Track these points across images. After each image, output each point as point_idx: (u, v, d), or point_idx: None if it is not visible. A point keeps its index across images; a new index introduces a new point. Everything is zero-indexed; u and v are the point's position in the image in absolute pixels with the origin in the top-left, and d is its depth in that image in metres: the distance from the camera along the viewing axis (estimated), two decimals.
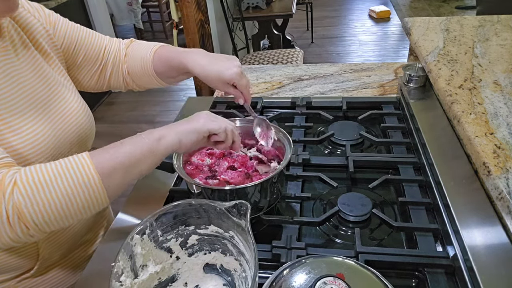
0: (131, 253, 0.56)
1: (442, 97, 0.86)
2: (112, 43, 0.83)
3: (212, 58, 0.75)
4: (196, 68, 0.74)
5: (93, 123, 0.77)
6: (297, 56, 2.67)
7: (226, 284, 0.62)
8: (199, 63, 0.74)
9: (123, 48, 0.84)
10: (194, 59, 0.75)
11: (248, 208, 0.56)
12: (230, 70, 0.73)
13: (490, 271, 0.53)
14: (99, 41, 0.80)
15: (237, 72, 0.73)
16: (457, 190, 0.67)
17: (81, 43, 0.76)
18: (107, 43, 0.82)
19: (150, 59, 0.79)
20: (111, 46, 0.82)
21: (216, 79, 0.74)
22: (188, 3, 2.22)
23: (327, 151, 0.96)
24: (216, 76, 0.73)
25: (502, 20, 1.18)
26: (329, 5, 5.76)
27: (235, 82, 0.74)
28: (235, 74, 0.73)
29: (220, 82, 0.74)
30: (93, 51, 0.79)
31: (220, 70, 0.73)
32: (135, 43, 0.85)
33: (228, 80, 0.73)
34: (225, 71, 0.73)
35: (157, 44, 0.81)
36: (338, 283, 0.47)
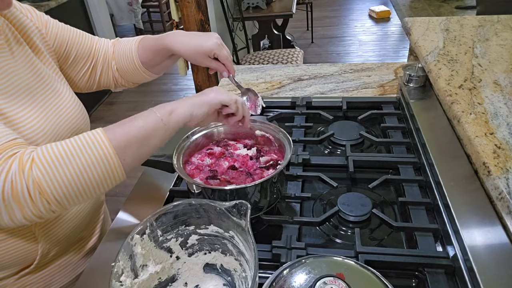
0: (131, 253, 0.56)
1: (442, 97, 0.86)
2: (101, 42, 0.85)
3: (191, 34, 0.77)
4: (176, 45, 0.75)
5: (87, 119, 0.78)
6: (297, 56, 2.67)
7: (226, 284, 0.62)
8: (178, 40, 0.76)
9: (110, 46, 0.85)
10: (174, 38, 0.76)
11: (248, 208, 0.56)
12: (209, 41, 0.75)
13: (490, 271, 0.53)
14: (89, 40, 0.82)
15: (216, 42, 0.75)
16: (457, 190, 0.67)
17: (72, 42, 0.78)
18: (96, 42, 0.84)
19: (135, 50, 0.81)
20: (100, 45, 0.84)
21: (196, 53, 0.75)
22: (188, 3, 2.22)
23: (327, 151, 0.96)
24: (196, 49, 0.75)
25: (502, 20, 1.18)
26: (329, 5, 5.76)
27: (216, 53, 0.75)
28: (215, 44, 0.74)
29: (201, 55, 0.75)
30: (84, 50, 0.80)
31: (199, 43, 0.74)
32: (121, 40, 0.87)
33: (208, 51, 0.74)
34: (204, 43, 0.74)
35: (140, 36, 0.83)
36: (338, 283, 0.47)
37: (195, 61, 0.77)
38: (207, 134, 0.80)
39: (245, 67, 1.40)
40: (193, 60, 0.77)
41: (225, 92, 0.66)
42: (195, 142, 0.78)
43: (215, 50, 0.75)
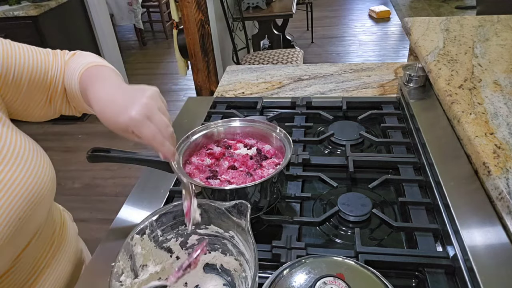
0: (131, 253, 0.56)
1: (442, 97, 0.86)
2: (57, 59, 0.69)
3: (118, 91, 0.56)
4: (93, 103, 0.57)
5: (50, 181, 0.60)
6: (297, 56, 2.67)
7: (226, 284, 0.62)
8: (98, 95, 0.56)
9: (63, 65, 0.70)
10: (97, 90, 0.57)
11: (248, 208, 0.56)
12: (126, 113, 0.51)
13: (490, 271, 0.53)
14: (43, 59, 0.66)
15: (135, 116, 0.51)
16: (457, 190, 0.67)
17: (22, 67, 0.62)
18: (52, 61, 0.68)
19: (77, 85, 0.64)
20: (56, 63, 0.69)
21: (112, 126, 0.54)
22: (188, 3, 2.22)
23: (327, 151, 0.96)
24: (111, 122, 0.53)
25: (502, 20, 1.18)
26: (329, 5, 5.76)
27: (134, 130, 0.52)
28: (131, 120, 0.51)
29: (119, 130, 0.54)
30: (39, 73, 0.65)
31: (115, 114, 0.52)
32: (72, 60, 0.69)
33: (123, 127, 0.52)
34: (120, 116, 0.52)
35: (87, 64, 0.65)
36: (338, 283, 0.47)
37: (112, 129, 0.55)
38: (207, 134, 0.80)
39: (245, 67, 1.40)
40: (110, 128, 0.55)
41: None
42: (195, 142, 0.78)
43: (132, 128, 0.52)
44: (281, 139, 0.75)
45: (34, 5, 2.95)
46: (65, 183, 2.63)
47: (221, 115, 1.06)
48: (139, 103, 0.52)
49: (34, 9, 2.87)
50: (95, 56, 0.70)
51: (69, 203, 2.48)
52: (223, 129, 0.82)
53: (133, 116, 0.51)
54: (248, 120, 0.82)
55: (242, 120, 0.82)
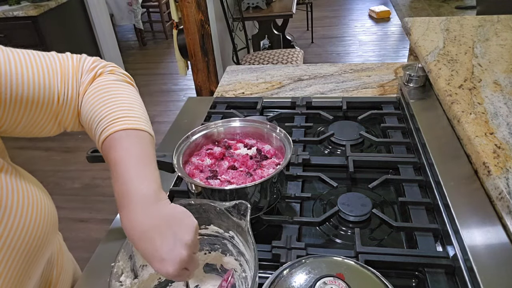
0: (131, 253, 0.56)
1: (442, 97, 0.86)
2: (68, 81, 0.57)
3: (155, 221, 0.49)
4: (119, 204, 0.52)
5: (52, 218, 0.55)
6: (297, 56, 2.67)
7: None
8: (128, 226, 0.50)
9: (77, 91, 0.59)
10: (120, 216, 0.51)
11: (248, 208, 0.56)
12: (163, 265, 0.48)
13: (490, 271, 0.53)
14: (49, 83, 0.54)
15: (172, 273, 0.47)
16: (457, 190, 0.67)
17: (21, 90, 0.51)
18: (60, 83, 0.56)
19: (100, 149, 0.57)
20: (67, 88, 0.57)
21: (140, 251, 0.50)
22: (188, 3, 2.22)
23: (327, 151, 0.96)
24: (139, 249, 0.50)
25: (502, 20, 1.18)
26: (329, 5, 5.75)
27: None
28: (166, 275, 0.48)
29: (143, 256, 0.50)
30: (44, 99, 0.54)
31: (150, 252, 0.48)
32: (92, 94, 0.57)
33: (153, 267, 0.49)
34: (155, 260, 0.48)
35: (106, 130, 0.54)
36: (338, 283, 0.47)
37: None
38: (207, 134, 0.80)
39: (245, 67, 1.40)
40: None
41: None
42: (195, 142, 0.78)
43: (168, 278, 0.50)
44: (281, 139, 0.75)
45: (34, 5, 2.95)
46: (65, 183, 2.63)
47: (221, 115, 1.05)
48: (178, 258, 0.47)
49: (34, 9, 2.87)
50: (119, 89, 0.59)
51: (69, 203, 2.49)
52: (223, 129, 0.82)
53: (170, 273, 0.47)
54: (248, 120, 0.82)
55: (242, 120, 0.82)
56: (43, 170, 2.74)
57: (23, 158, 2.88)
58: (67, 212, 2.34)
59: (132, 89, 0.62)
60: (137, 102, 0.59)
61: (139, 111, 0.58)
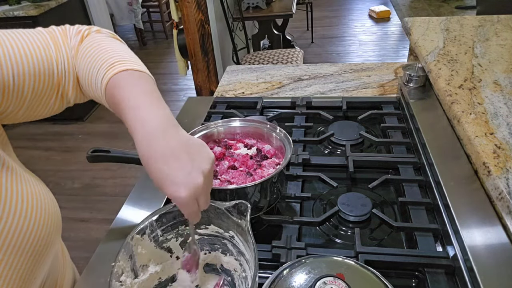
0: (131, 253, 0.56)
1: (442, 97, 0.86)
2: (60, 48, 0.57)
3: (172, 145, 0.48)
4: (135, 136, 0.50)
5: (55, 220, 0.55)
6: (297, 56, 2.67)
7: (226, 284, 0.62)
8: (145, 149, 0.48)
9: (71, 55, 0.59)
10: (140, 120, 0.50)
11: (248, 208, 0.56)
12: (177, 189, 0.47)
13: (490, 271, 0.53)
14: (45, 56, 0.54)
15: (184, 198, 0.47)
16: (457, 190, 0.67)
17: (22, 73, 0.51)
18: (56, 53, 0.56)
19: (103, 95, 0.55)
20: (62, 55, 0.57)
21: (151, 174, 0.49)
22: (188, 3, 2.22)
23: (327, 151, 0.96)
24: (153, 173, 0.48)
25: (502, 20, 1.18)
26: (329, 5, 5.76)
27: (174, 202, 0.50)
28: (178, 199, 0.47)
29: (154, 181, 0.49)
30: (44, 75, 0.54)
31: (164, 175, 0.47)
32: (85, 50, 0.58)
33: (163, 191, 0.48)
34: (168, 183, 0.47)
35: (111, 66, 0.54)
36: (338, 283, 0.47)
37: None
38: (207, 134, 0.80)
39: (245, 67, 1.40)
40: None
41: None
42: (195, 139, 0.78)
43: (173, 200, 0.49)
44: (281, 139, 0.75)
45: (34, 5, 2.95)
46: (65, 183, 2.63)
47: (221, 115, 1.06)
48: (193, 184, 0.47)
49: (34, 9, 2.87)
50: (110, 42, 0.59)
51: (69, 203, 2.49)
52: (223, 129, 0.82)
53: (182, 197, 0.47)
54: (248, 120, 0.82)
55: (242, 120, 0.82)
56: (43, 170, 2.74)
57: (23, 158, 2.86)
58: (67, 212, 2.34)
59: (121, 42, 0.62)
60: (129, 52, 0.60)
61: (134, 58, 0.59)
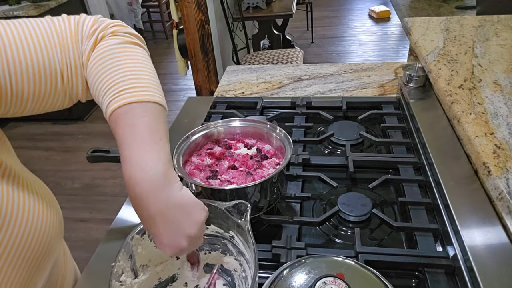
0: (131, 253, 0.56)
1: (442, 97, 0.86)
2: (69, 54, 0.52)
3: (153, 215, 0.48)
4: (130, 199, 0.49)
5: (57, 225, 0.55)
6: (297, 56, 2.67)
7: (226, 284, 0.62)
8: (135, 207, 0.49)
9: (82, 58, 0.54)
10: (130, 196, 0.49)
11: (248, 208, 0.56)
12: (162, 249, 0.51)
13: (490, 271, 0.53)
14: (49, 61, 0.50)
15: (170, 253, 0.51)
16: (457, 190, 0.67)
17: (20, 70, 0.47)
18: (60, 58, 0.51)
19: (108, 120, 0.52)
20: (69, 62, 0.52)
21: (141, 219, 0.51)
22: (188, 3, 2.22)
23: (327, 151, 0.96)
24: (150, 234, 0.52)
25: (502, 20, 1.18)
26: (329, 5, 5.76)
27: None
28: (166, 252, 0.51)
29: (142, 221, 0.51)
30: (47, 76, 0.50)
31: (153, 235, 0.51)
32: (97, 61, 0.52)
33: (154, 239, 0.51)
34: (157, 243, 0.51)
35: (112, 103, 0.50)
36: (338, 283, 0.47)
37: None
38: (207, 134, 0.80)
39: (245, 67, 1.40)
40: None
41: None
42: (195, 142, 0.78)
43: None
44: (281, 139, 0.75)
45: (34, 5, 2.95)
46: (65, 183, 2.63)
47: (221, 115, 1.06)
48: (177, 247, 0.50)
49: (34, 9, 2.87)
50: (124, 55, 0.53)
51: (69, 203, 2.49)
52: (223, 129, 0.82)
53: (168, 255, 0.52)
54: (248, 120, 0.82)
55: (242, 120, 0.82)
56: (43, 170, 2.74)
57: (23, 158, 2.87)
58: (67, 212, 2.34)
59: (138, 51, 0.55)
60: (144, 67, 0.54)
61: (147, 79, 0.52)
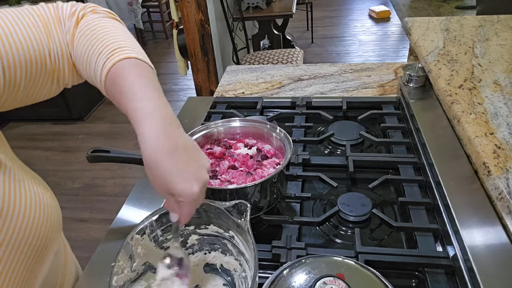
0: (131, 253, 0.56)
1: (442, 97, 0.86)
2: (53, 35, 0.54)
3: (175, 148, 0.49)
4: (141, 144, 0.49)
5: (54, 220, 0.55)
6: (297, 56, 2.67)
7: (226, 284, 0.62)
8: (153, 143, 0.48)
9: (66, 40, 0.56)
10: (143, 133, 0.48)
11: (248, 208, 0.56)
12: (188, 185, 0.48)
13: (490, 271, 0.53)
14: (37, 43, 0.52)
15: (197, 190, 0.49)
16: (457, 190, 0.67)
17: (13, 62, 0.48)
18: (47, 39, 0.53)
19: (102, 82, 0.53)
20: (54, 42, 0.54)
21: (160, 181, 0.49)
22: (188, 3, 2.22)
23: (327, 151, 0.96)
24: (162, 178, 0.49)
25: (502, 20, 1.18)
26: (329, 5, 5.76)
27: (176, 197, 0.50)
28: (190, 195, 0.49)
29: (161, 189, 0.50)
30: (37, 63, 0.52)
31: (175, 174, 0.48)
32: (82, 35, 0.55)
33: (164, 188, 0.50)
34: (181, 182, 0.48)
35: (108, 60, 0.52)
36: (338, 283, 0.47)
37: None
38: (207, 134, 0.80)
39: (245, 67, 1.40)
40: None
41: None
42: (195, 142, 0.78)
43: (173, 194, 0.50)
44: (281, 139, 0.75)
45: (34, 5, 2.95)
46: (65, 183, 2.63)
47: (221, 115, 1.06)
48: (203, 179, 0.50)
49: None
50: (108, 24, 0.57)
51: (69, 203, 2.49)
52: (223, 129, 0.82)
53: (194, 193, 0.49)
54: (248, 120, 0.82)
55: (242, 120, 0.82)
56: (43, 170, 2.74)
57: (23, 158, 2.85)
58: (67, 212, 2.34)
59: (118, 24, 0.60)
60: (128, 35, 0.58)
61: (134, 43, 0.57)
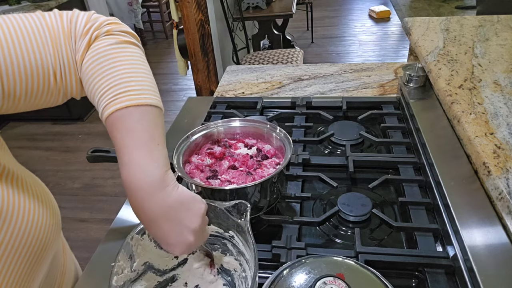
0: (131, 253, 0.56)
1: (442, 97, 0.86)
2: (61, 52, 0.51)
3: (155, 217, 0.50)
4: (129, 202, 0.50)
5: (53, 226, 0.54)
6: (297, 56, 2.67)
7: (226, 284, 0.62)
8: (137, 213, 0.51)
9: (77, 60, 0.52)
10: (132, 203, 0.50)
11: (248, 208, 0.56)
12: (171, 250, 0.52)
13: (490, 271, 0.53)
14: (42, 57, 0.49)
15: (179, 253, 0.53)
16: (457, 190, 0.67)
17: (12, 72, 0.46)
18: (53, 56, 0.50)
19: (104, 123, 0.52)
20: (62, 60, 0.51)
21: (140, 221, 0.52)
22: (188, 3, 2.22)
23: (327, 151, 0.96)
24: (155, 239, 0.53)
25: (502, 20, 1.18)
26: (329, 5, 5.76)
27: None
28: (181, 252, 0.53)
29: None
30: (40, 76, 0.49)
31: (159, 239, 0.52)
32: (89, 61, 0.51)
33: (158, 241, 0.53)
34: (164, 246, 0.53)
35: (108, 107, 0.49)
36: (338, 283, 0.47)
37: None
38: (207, 134, 0.80)
39: (245, 67, 1.40)
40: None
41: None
42: (195, 142, 0.78)
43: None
44: (281, 139, 0.75)
45: (34, 5, 2.96)
46: (65, 183, 2.63)
47: (221, 115, 1.06)
48: (185, 244, 0.51)
49: (34, 9, 2.87)
50: (119, 55, 0.52)
51: (69, 203, 2.49)
52: (223, 129, 0.82)
53: (177, 254, 0.54)
54: (248, 120, 0.82)
55: (242, 120, 0.82)
56: (43, 170, 2.74)
57: (23, 158, 2.88)
58: (67, 212, 2.35)
59: (133, 51, 0.54)
60: (139, 68, 0.53)
61: (143, 81, 0.53)
